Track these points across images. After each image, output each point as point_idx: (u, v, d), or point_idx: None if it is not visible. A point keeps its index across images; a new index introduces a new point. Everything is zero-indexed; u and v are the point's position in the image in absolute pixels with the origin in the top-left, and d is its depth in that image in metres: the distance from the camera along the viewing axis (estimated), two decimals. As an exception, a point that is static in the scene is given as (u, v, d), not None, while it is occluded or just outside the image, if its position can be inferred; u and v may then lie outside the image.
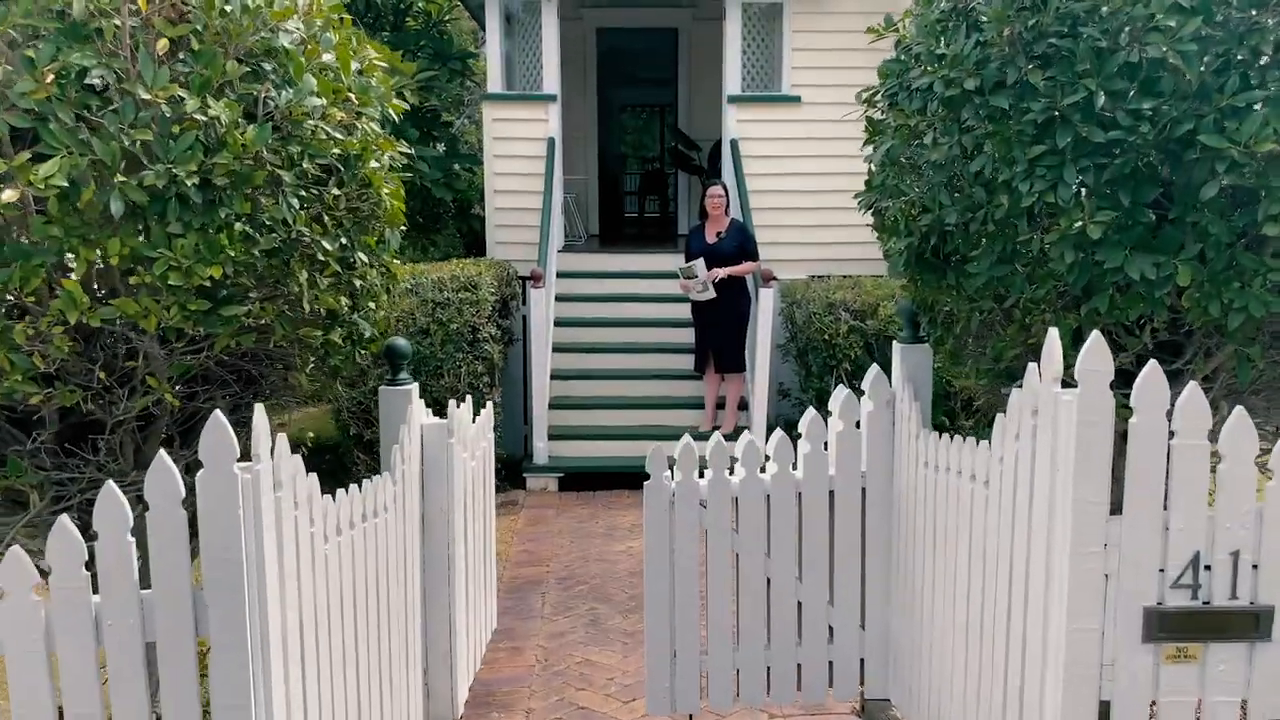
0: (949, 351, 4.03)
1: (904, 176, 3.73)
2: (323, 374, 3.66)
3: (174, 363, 3.24)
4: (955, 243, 3.54)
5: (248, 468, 3.00)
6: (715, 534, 4.55)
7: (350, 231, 3.45)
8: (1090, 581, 3.07)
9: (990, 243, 3.41)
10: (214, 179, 3.04)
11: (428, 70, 9.48)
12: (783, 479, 4.54)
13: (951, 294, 3.73)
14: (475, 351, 8.28)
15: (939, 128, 3.46)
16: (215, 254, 3.04)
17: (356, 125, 3.50)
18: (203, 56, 3.06)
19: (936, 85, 3.45)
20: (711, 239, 8.55)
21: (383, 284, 3.74)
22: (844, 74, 9.82)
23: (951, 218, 3.46)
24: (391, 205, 3.66)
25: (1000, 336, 3.64)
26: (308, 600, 3.37)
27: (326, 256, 3.35)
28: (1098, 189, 3.18)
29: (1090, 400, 2.98)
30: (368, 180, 3.49)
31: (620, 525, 7.64)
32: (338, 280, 3.46)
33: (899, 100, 3.73)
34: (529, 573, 6.79)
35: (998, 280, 3.45)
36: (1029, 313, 3.46)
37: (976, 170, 3.36)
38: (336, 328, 3.54)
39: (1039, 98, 3.21)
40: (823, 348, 8.65)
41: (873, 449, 4.59)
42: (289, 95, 3.20)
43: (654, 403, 9.05)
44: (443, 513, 4.74)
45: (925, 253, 3.68)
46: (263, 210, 3.15)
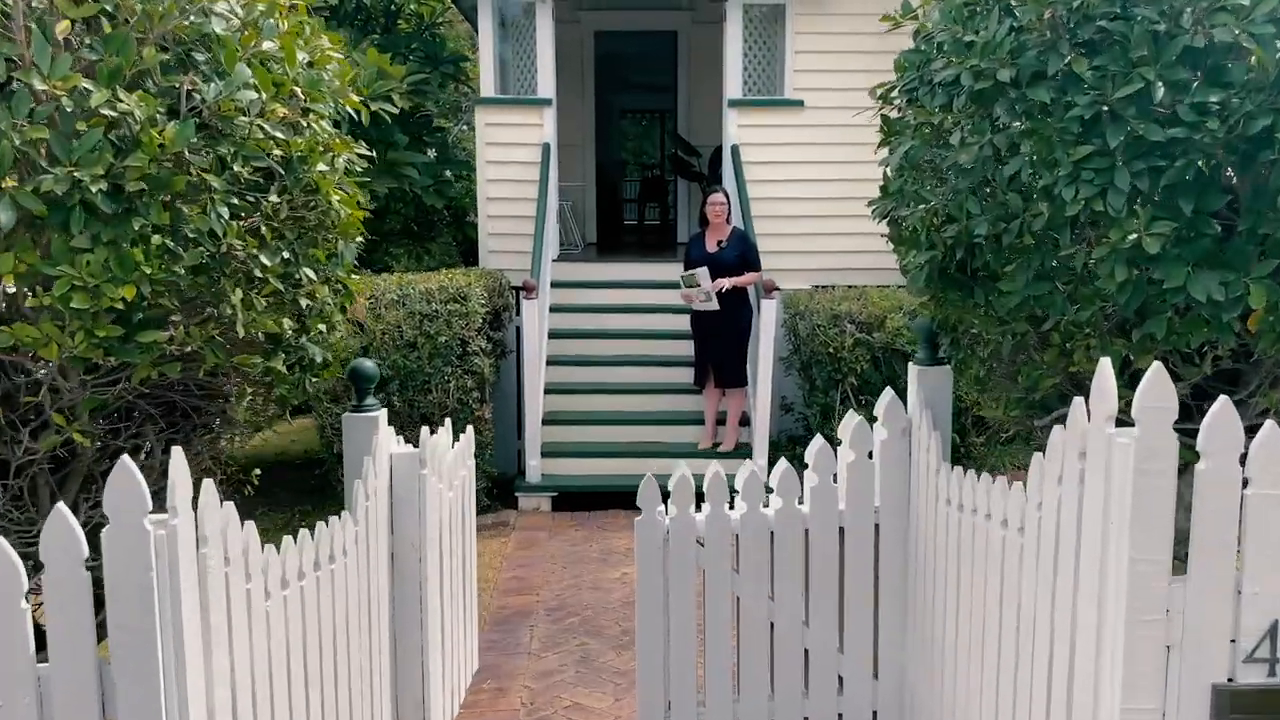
0: (974, 378, 3.54)
1: (925, 182, 3.25)
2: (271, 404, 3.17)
3: (87, 397, 2.76)
4: (985, 257, 3.05)
5: (162, 521, 2.52)
6: (714, 574, 4.06)
7: (294, 244, 2.97)
8: (1148, 654, 2.58)
9: (1026, 257, 2.92)
10: (126, 184, 2.56)
11: (418, 74, 9.01)
12: (788, 514, 4.06)
13: (979, 314, 3.24)
14: (465, 366, 7.80)
15: (967, 126, 2.98)
16: (129, 272, 2.56)
17: (303, 123, 3.01)
18: (113, 41, 2.59)
19: (964, 77, 2.96)
20: (712, 247, 8.06)
21: (336, 303, 3.26)
22: (848, 77, 9.33)
23: (981, 229, 2.97)
24: (345, 214, 3.17)
25: (1035, 363, 3.15)
26: (243, 667, 2.89)
27: (265, 273, 2.87)
28: (1154, 196, 2.69)
29: (1151, 443, 2.49)
30: (314, 185, 3.01)
31: (616, 549, 7.15)
32: (279, 300, 2.97)
33: (919, 96, 3.24)
34: (517, 602, 6.30)
35: (1034, 300, 2.96)
36: (1070, 337, 2.97)
37: (1011, 174, 2.87)
38: (279, 353, 3.06)
39: (1085, 90, 2.72)
40: (827, 361, 8.16)
41: (887, 482, 4.11)
42: (218, 88, 2.72)
43: (652, 418, 8.56)
44: (414, 550, 4.26)
45: (950, 268, 3.19)
46: (186, 220, 2.67)
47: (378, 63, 8.56)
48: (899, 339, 8.03)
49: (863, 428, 4.08)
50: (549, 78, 9.39)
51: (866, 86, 9.39)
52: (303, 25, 3.30)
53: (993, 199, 3.00)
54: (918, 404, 4.02)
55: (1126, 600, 2.55)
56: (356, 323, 7.73)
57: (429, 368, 7.68)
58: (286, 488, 9.18)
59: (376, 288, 7.92)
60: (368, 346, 7.69)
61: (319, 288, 3.13)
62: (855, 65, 9.30)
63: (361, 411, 4.04)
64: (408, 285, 7.91)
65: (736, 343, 8.14)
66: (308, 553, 3.32)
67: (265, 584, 3.06)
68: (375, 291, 7.87)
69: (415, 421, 7.81)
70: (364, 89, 8.38)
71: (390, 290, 7.86)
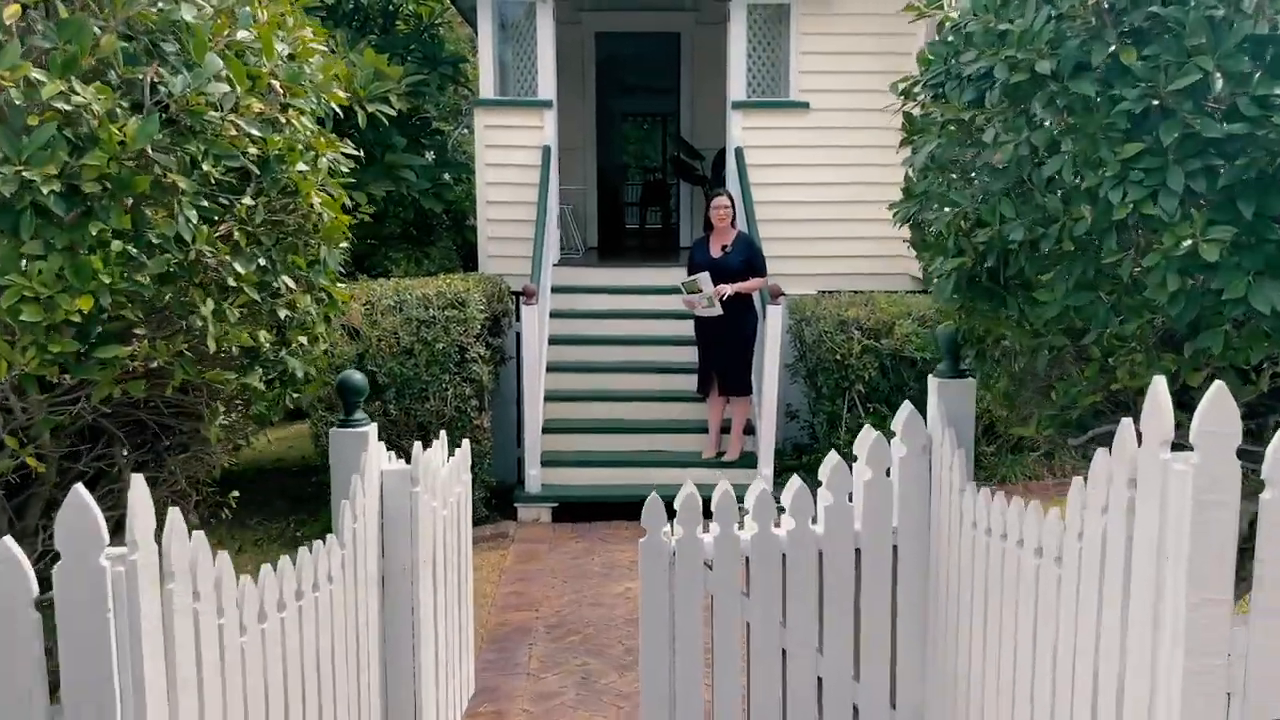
0: (1001, 393, 3.28)
1: (953, 183, 2.99)
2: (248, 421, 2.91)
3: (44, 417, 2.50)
4: (1019, 264, 2.79)
5: (121, 556, 2.27)
6: (723, 599, 3.80)
7: (271, 250, 2.71)
8: (1207, 701, 2.32)
9: (1067, 265, 2.66)
10: (83, 185, 2.31)
11: (416, 75, 8.75)
12: (801, 536, 3.80)
13: (1011, 326, 2.98)
14: (463, 373, 7.54)
15: (1001, 123, 2.72)
16: (86, 281, 2.30)
17: (282, 120, 2.76)
18: (68, 28, 2.33)
19: (998, 70, 2.70)
20: (716, 252, 7.79)
21: (320, 313, 2.99)
22: (855, 78, 9.11)
23: (1017, 234, 2.71)
24: (328, 218, 2.91)
25: (1073, 379, 2.89)
26: (214, 712, 2.63)
27: (239, 281, 2.61)
28: (1212, 198, 2.43)
29: (1212, 471, 2.24)
30: (294, 187, 2.75)
31: (618, 562, 6.88)
32: (255, 310, 2.71)
33: (946, 91, 2.98)
34: (517, 619, 6.04)
35: (1074, 311, 2.70)
36: (1112, 352, 2.71)
37: (1051, 175, 2.61)
38: (256, 368, 2.80)
39: (1134, 82, 2.46)
40: (834, 368, 7.91)
41: (906, 502, 3.84)
42: (186, 80, 2.46)
43: (655, 426, 8.29)
44: (406, 572, 4.00)
45: (980, 275, 2.93)
46: (150, 225, 2.42)
47: (375, 63, 8.30)
48: (908, 346, 7.78)
49: (880, 444, 3.82)
50: (549, 79, 9.14)
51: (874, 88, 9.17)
52: (284, 16, 3.05)
53: (1029, 202, 2.74)
54: (939, 419, 3.76)
55: (1184, 643, 2.30)
56: (351, 329, 7.48)
57: (426, 375, 7.43)
58: (283, 495, 8.93)
59: (373, 293, 7.66)
60: (363, 353, 7.43)
61: (299, 297, 2.87)
62: (862, 66, 9.06)
63: (350, 426, 3.78)
64: (405, 290, 7.66)
65: (741, 349, 7.88)
66: (289, 582, 3.06)
67: (241, 618, 2.80)
68: (371, 297, 7.62)
69: (412, 430, 7.55)
70: (361, 90, 8.13)
71: (387, 295, 7.61)
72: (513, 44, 9.46)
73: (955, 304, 3.09)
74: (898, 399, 8.15)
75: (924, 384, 7.92)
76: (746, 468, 7.91)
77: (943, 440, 3.71)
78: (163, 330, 2.56)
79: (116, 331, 2.45)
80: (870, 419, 7.97)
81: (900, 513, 3.85)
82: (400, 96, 8.46)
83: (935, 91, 3.04)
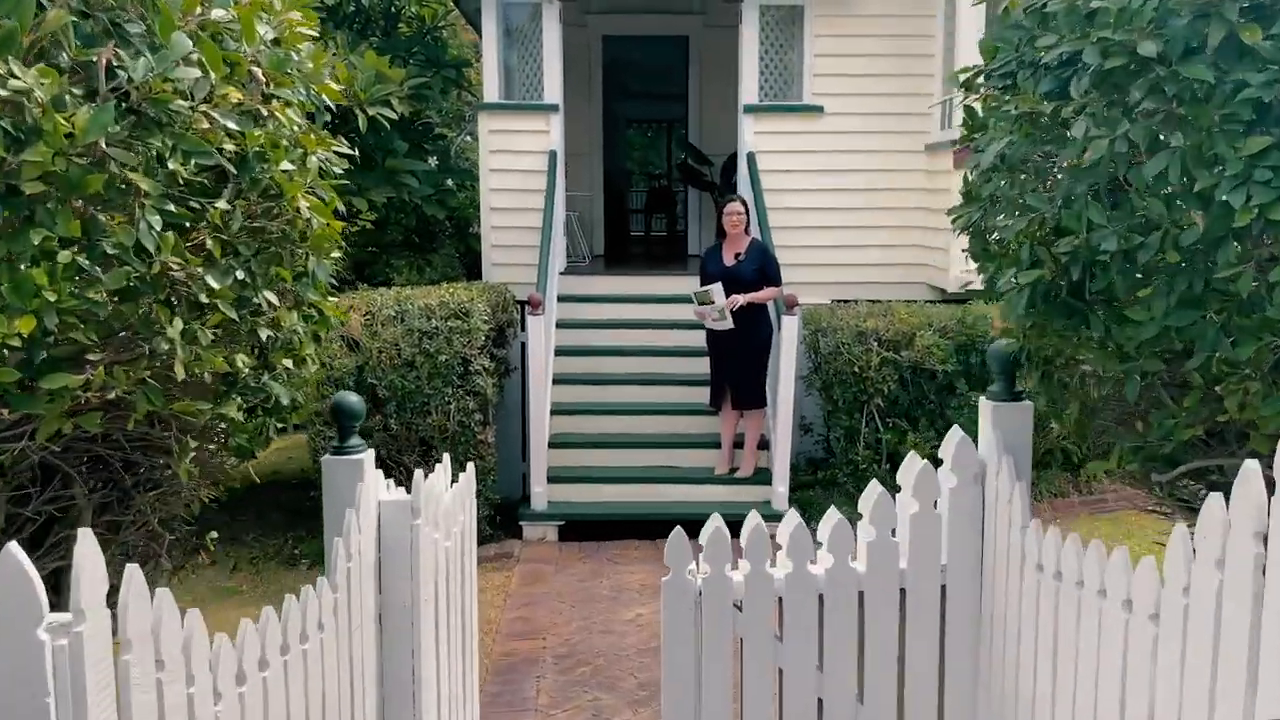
0: (1072, 422, 2.88)
1: (1026, 185, 2.60)
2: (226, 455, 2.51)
3: (-19, 455, 2.10)
4: (1109, 277, 2.40)
5: (65, 627, 1.88)
6: (754, 643, 3.40)
7: (250, 261, 2.32)
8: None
9: (1169, 279, 2.27)
10: (22, 185, 1.92)
11: (419, 78, 8.37)
12: (840, 574, 3.41)
13: (1092, 347, 2.58)
14: (466, 386, 7.13)
15: (1091, 116, 2.32)
16: (27, 299, 1.91)
17: (264, 112, 2.37)
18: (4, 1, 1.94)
19: (1087, 54, 2.31)
20: (730, 261, 7.40)
21: (308, 332, 2.60)
22: (872, 81, 8.73)
23: (1109, 243, 2.32)
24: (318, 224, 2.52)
25: (1169, 409, 2.50)
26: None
27: (213, 297, 2.22)
28: (1353, 201, 2.04)
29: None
30: (277, 189, 2.36)
31: (628, 585, 6.48)
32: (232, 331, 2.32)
33: (1019, 81, 2.59)
34: (523, 648, 5.63)
35: (1176, 332, 2.31)
36: (1220, 379, 2.32)
37: (1155, 174, 2.22)
38: (233, 397, 2.40)
39: (1260, 65, 2.08)
40: (852, 381, 7.51)
41: (956, 538, 3.45)
42: (149, 63, 2.07)
43: (665, 441, 7.88)
44: (405, 611, 3.59)
45: (1060, 290, 2.54)
46: (106, 232, 2.02)
47: (376, 65, 7.91)
48: (929, 358, 7.38)
49: (928, 474, 3.42)
50: (555, 82, 8.75)
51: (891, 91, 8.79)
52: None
53: (1123, 206, 2.35)
54: (994, 446, 3.36)
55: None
56: (351, 340, 7.08)
57: (428, 388, 7.03)
58: (280, 509, 8.53)
59: (373, 303, 7.27)
60: (363, 365, 7.04)
61: (284, 314, 2.48)
62: (879, 69, 8.69)
63: (344, 454, 3.38)
64: (406, 300, 7.26)
65: (755, 361, 7.48)
66: (272, 635, 2.66)
67: (215, 683, 2.41)
68: (372, 307, 7.23)
69: (414, 445, 7.16)
70: (361, 93, 7.74)
71: (388, 305, 7.21)
72: (518, 47, 9.08)
73: (1028, 321, 2.69)
74: (918, 413, 7.79)
75: (944, 398, 7.60)
76: (761, 484, 7.51)
77: (999, 470, 3.32)
78: (123, 355, 2.16)
79: (66, 357, 2.05)
80: (890, 434, 7.58)
81: (950, 550, 3.46)
82: (402, 100, 8.08)
83: (1007, 81, 2.65)
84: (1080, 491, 7.69)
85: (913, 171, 8.76)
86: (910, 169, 8.76)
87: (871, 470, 7.62)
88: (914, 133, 8.72)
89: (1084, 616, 2.75)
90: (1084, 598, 2.75)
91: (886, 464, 7.67)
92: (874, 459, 7.65)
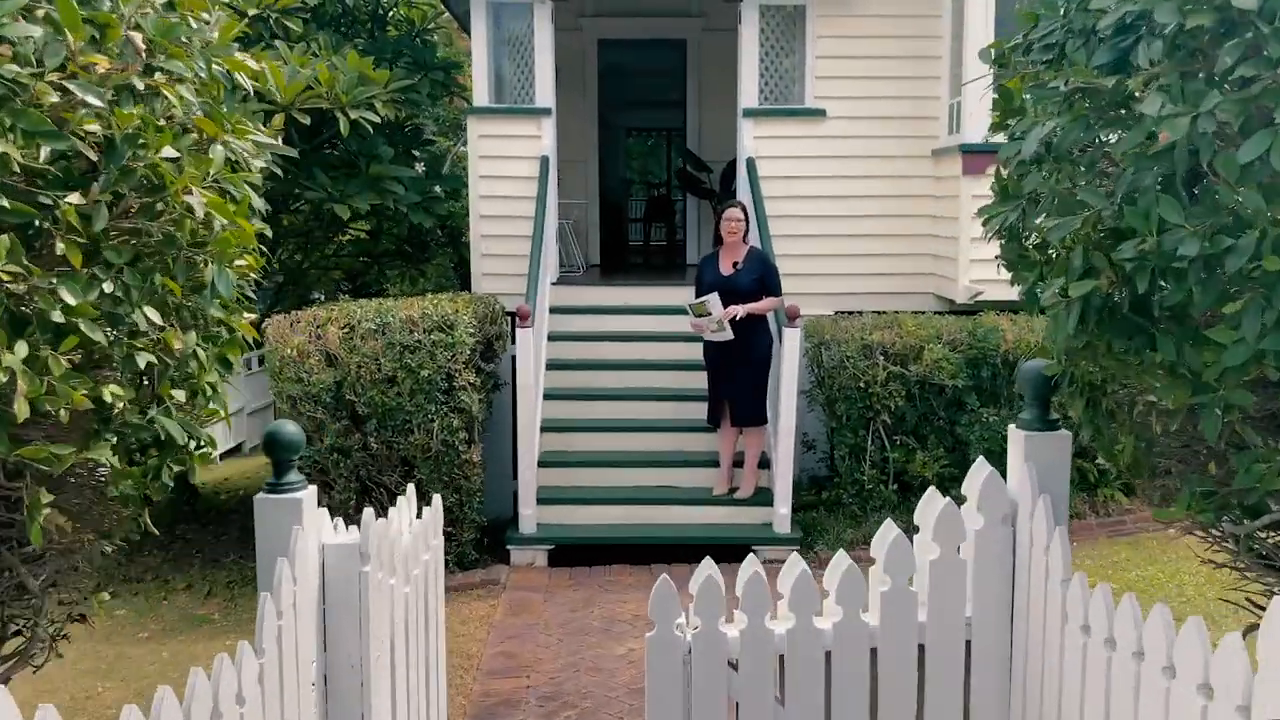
0: (1128, 459, 2.39)
1: (1079, 177, 2.11)
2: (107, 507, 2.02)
3: None
4: (1185, 289, 1.91)
5: None
6: (751, 706, 2.92)
7: (124, 271, 1.83)
8: None
9: (1270, 292, 1.78)
10: None
11: (405, 80, 7.90)
12: (850, 629, 2.91)
13: (1156, 373, 2.09)
14: (451, 402, 6.64)
15: (1168, 89, 1.83)
16: None
17: (141, 87, 1.88)
18: None
19: (1161, 12, 1.82)
20: (727, 270, 6.91)
21: (211, 356, 2.11)
22: (876, 84, 8.24)
23: (1189, 246, 1.83)
24: (221, 226, 2.03)
25: (1259, 451, 2.00)
26: None
27: (70, 315, 1.74)
28: None
29: None
30: (159, 181, 1.88)
31: (620, 617, 5.97)
32: (99, 356, 1.83)
33: (1068, 51, 2.10)
34: (505, 687, 5.13)
35: (1275, 357, 1.81)
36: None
37: (1251, 159, 1.73)
38: (105, 437, 1.91)
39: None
40: (857, 396, 7.01)
41: (983, 586, 2.96)
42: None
43: (661, 460, 7.37)
44: (355, 671, 3.11)
45: (1120, 305, 2.04)
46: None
47: (359, 67, 7.44)
48: (939, 372, 6.88)
49: (951, 515, 2.92)
50: (548, 85, 8.29)
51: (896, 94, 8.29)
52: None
53: (1205, 200, 1.86)
54: (1026, 482, 2.87)
55: None
56: (329, 354, 6.60)
57: (410, 405, 6.54)
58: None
59: (352, 315, 6.78)
60: (341, 381, 6.55)
61: (173, 336, 2.00)
62: (884, 71, 8.21)
63: (279, 491, 2.90)
64: (387, 312, 6.77)
65: (754, 375, 6.98)
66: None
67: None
68: (351, 319, 6.75)
69: (395, 465, 6.67)
70: (343, 95, 7.27)
71: (368, 318, 6.72)
72: (509, 49, 8.61)
73: (1078, 342, 2.20)
74: (926, 430, 7.28)
75: (954, 415, 7.09)
76: (761, 505, 7.01)
77: (1033, 511, 2.83)
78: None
79: None
80: (898, 452, 7.08)
81: (975, 601, 2.96)
82: (387, 103, 7.60)
83: (1052, 55, 2.16)
84: (1097, 513, 7.18)
85: (919, 178, 8.27)
86: (916, 175, 8.28)
87: (878, 491, 7.11)
88: (920, 137, 8.23)
89: (1145, 697, 2.25)
90: (1145, 673, 2.26)
91: (894, 484, 7.17)
92: (880, 479, 7.14)
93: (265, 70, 5.77)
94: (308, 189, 7.58)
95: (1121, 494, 7.24)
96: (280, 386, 6.66)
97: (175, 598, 7.03)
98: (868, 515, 7.07)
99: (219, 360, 2.23)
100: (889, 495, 7.13)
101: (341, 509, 6.57)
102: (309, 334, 6.66)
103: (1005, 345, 7.00)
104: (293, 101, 6.95)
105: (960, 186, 7.57)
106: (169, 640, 6.16)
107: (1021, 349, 6.96)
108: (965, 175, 7.52)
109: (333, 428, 6.56)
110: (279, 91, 6.88)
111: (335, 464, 6.60)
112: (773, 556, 6.79)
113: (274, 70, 6.88)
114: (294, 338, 6.63)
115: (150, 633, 6.33)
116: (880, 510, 7.07)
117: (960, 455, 7.05)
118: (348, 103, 7.26)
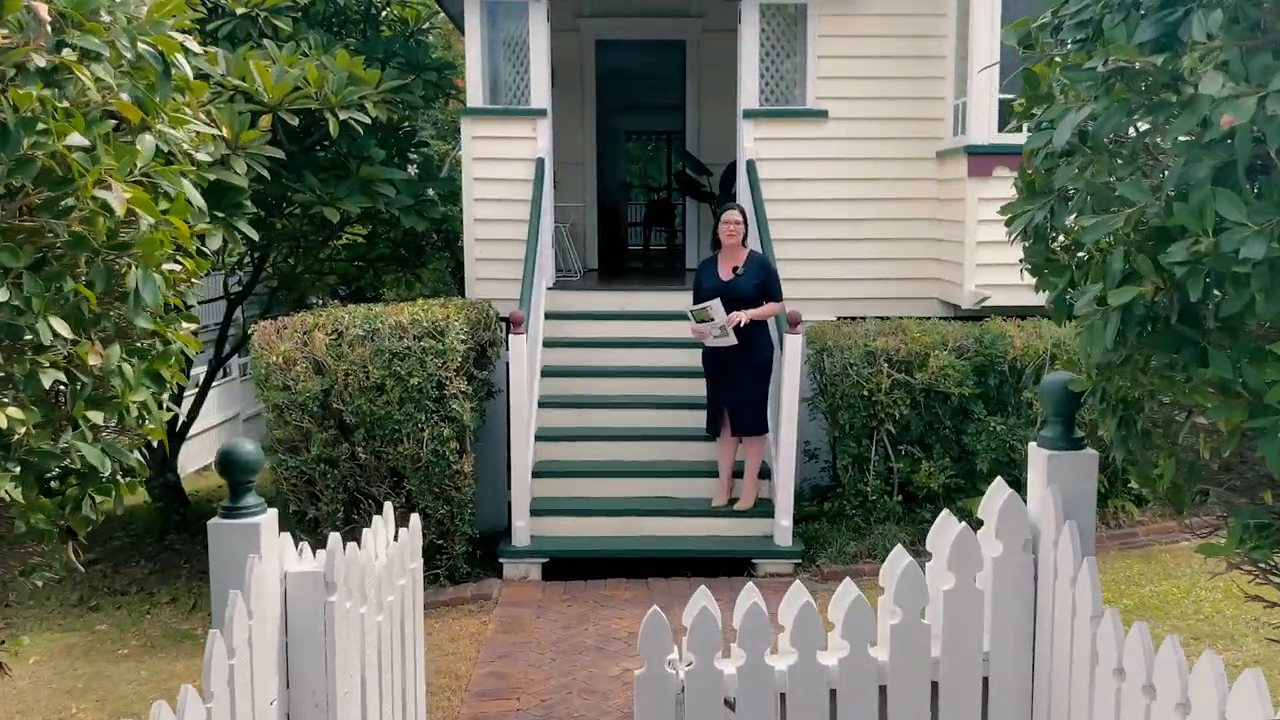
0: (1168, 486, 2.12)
1: (1119, 170, 1.84)
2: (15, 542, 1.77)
3: None
4: (1245, 296, 1.64)
5: None
6: (748, 749, 2.65)
7: (21, 278, 1.57)
8: None
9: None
10: None
11: (398, 81, 7.64)
12: (857, 665, 2.65)
13: (1209, 393, 1.82)
14: (442, 411, 6.38)
15: (1228, 66, 1.57)
16: None
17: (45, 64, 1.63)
18: None
19: (1218, -23, 1.56)
20: (726, 275, 6.64)
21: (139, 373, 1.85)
22: (879, 85, 7.99)
23: (1252, 248, 1.56)
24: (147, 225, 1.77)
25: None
26: None
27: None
28: None
29: None
30: (64, 173, 1.62)
31: (616, 634, 5.70)
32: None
33: (1106, 27, 1.84)
34: (492, 711, 4.86)
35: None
36: None
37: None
38: (8, 464, 1.65)
39: None
40: (860, 404, 6.74)
41: (1002, 618, 2.69)
42: None
43: (659, 470, 7.10)
44: (320, 710, 2.85)
45: (1167, 315, 1.78)
46: None
47: (349, 67, 7.19)
48: (945, 380, 6.62)
49: (967, 541, 2.66)
50: (543, 86, 8.03)
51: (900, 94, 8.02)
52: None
53: (1271, 196, 1.59)
54: (1050, 506, 2.61)
55: None
56: (316, 362, 6.34)
57: (399, 414, 6.27)
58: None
59: (340, 321, 6.52)
60: (329, 389, 6.29)
61: (89, 350, 1.74)
62: (887, 71, 7.95)
63: (235, 516, 2.64)
64: (376, 318, 6.51)
65: (754, 383, 6.71)
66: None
67: None
68: (339, 325, 6.49)
69: (384, 476, 6.41)
70: (332, 95, 7.02)
71: (356, 324, 6.46)
72: (504, 50, 8.35)
73: (1119, 355, 1.93)
74: (932, 439, 7.00)
75: (960, 424, 6.82)
76: (762, 516, 6.74)
77: (1057, 539, 2.56)
78: None
79: None
80: (902, 462, 6.80)
81: (993, 635, 2.70)
82: (378, 104, 7.34)
83: (1087, 34, 1.90)
84: (1107, 524, 6.90)
85: (923, 180, 8.00)
86: (920, 177, 8.01)
87: (882, 502, 6.84)
88: (924, 139, 7.97)
89: (1191, 753, 1.99)
90: (1190, 727, 1.99)
91: (898, 495, 6.89)
92: (884, 489, 6.87)
93: (221, 56, 5.50)
94: (297, 191, 7.32)
95: (1133, 505, 6.96)
96: (266, 394, 6.40)
97: (159, 611, 6.76)
98: (871, 527, 6.79)
99: (150, 376, 1.97)
100: (893, 506, 6.86)
101: (328, 521, 6.31)
102: (296, 340, 6.40)
103: (1013, 352, 6.73)
104: (280, 102, 6.69)
105: (965, 189, 7.31)
106: (149, 658, 5.89)
107: (1030, 356, 6.70)
108: (971, 177, 7.26)
109: (320, 437, 6.30)
110: (266, 91, 6.63)
111: (322, 475, 6.34)
112: (774, 569, 6.53)
113: (261, 69, 6.64)
114: (280, 344, 6.37)
115: (130, 650, 6.07)
116: (884, 522, 6.80)
117: (967, 465, 6.78)
118: (337, 103, 7.01)
